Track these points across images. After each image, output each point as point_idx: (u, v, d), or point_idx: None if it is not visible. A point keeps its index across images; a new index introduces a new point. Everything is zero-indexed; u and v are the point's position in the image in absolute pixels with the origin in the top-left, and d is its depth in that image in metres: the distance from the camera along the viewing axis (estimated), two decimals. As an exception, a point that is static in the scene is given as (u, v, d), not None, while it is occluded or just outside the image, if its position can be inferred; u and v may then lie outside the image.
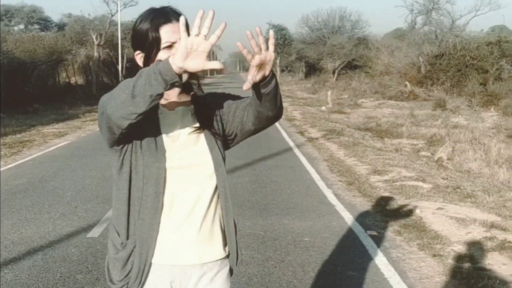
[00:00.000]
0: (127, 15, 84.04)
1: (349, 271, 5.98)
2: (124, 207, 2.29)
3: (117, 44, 41.51)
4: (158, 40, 2.21)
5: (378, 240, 7.04)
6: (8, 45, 31.44)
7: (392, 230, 7.47)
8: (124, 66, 41.56)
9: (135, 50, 2.33)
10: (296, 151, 14.62)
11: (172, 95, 2.34)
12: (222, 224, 2.40)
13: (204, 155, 2.32)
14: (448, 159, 13.83)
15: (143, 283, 2.28)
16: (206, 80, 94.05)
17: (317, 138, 17.16)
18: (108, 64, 44.19)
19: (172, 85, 1.95)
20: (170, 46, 2.20)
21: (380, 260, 6.32)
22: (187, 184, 2.29)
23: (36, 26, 69.48)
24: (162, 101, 2.31)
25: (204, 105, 2.41)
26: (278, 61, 75.73)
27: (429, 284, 5.68)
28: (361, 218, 8.08)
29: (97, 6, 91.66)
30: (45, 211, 8.23)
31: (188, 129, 2.33)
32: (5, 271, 5.79)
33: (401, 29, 67.21)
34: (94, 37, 41.54)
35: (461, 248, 6.75)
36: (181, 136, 2.32)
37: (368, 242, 6.94)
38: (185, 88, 2.38)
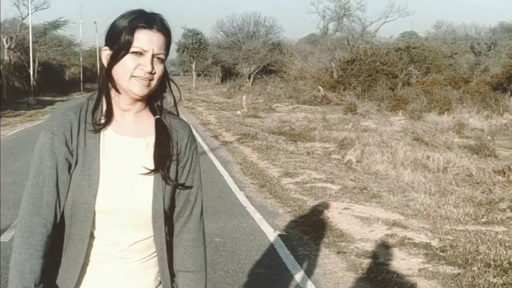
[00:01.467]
0: (38, 18, 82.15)
1: (258, 269, 6.22)
2: (39, 240, 1.92)
3: (29, 47, 40.68)
4: (129, 42, 1.95)
5: (286, 239, 7.33)
6: None
7: (300, 230, 7.79)
8: (36, 69, 40.76)
9: (105, 45, 2.04)
10: (210, 154, 14.83)
11: (128, 109, 2.04)
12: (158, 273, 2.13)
13: (145, 203, 2.01)
14: (357, 161, 14.33)
15: None
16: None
17: (231, 142, 17.41)
18: (19, 68, 43.23)
19: None
20: (140, 53, 1.95)
21: (287, 258, 6.61)
22: (119, 231, 2.01)
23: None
24: (113, 119, 2.03)
25: (167, 142, 2.08)
26: (193, 66, 75.66)
27: (332, 279, 5.99)
28: (271, 218, 8.36)
29: (7, 9, 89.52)
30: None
31: (137, 167, 2.00)
32: None
33: (315, 35, 68.60)
34: (4, 40, 40.60)
35: (364, 245, 7.11)
36: (125, 173, 2.00)
37: (277, 241, 7.23)
38: (150, 104, 2.11)
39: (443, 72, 36.50)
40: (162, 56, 2.00)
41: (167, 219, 2.07)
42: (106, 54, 2.02)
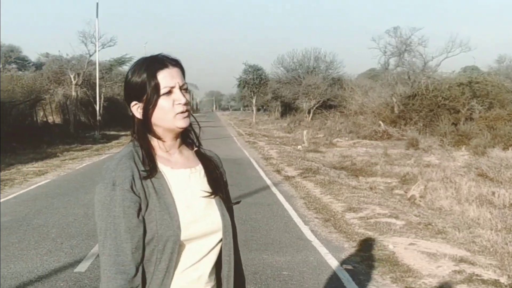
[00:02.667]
0: (105, 55, 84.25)
1: (326, 302, 6.33)
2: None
3: (95, 83, 41.81)
4: (157, 86, 2.10)
5: (354, 274, 7.41)
6: (-14, 84, 31.70)
7: (366, 264, 7.85)
8: (101, 105, 41.83)
9: (130, 102, 2.17)
10: (274, 189, 14.99)
11: (173, 146, 2.22)
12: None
13: (216, 223, 2.18)
14: (420, 197, 14.29)
15: None
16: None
17: (293, 177, 17.55)
18: (85, 103, 44.44)
19: None
20: (169, 92, 2.11)
21: (355, 292, 6.69)
22: (195, 254, 2.15)
23: (14, 65, 69.59)
24: (164, 157, 2.20)
25: (214, 168, 2.30)
26: (254, 100, 76.27)
27: (401, 314, 6.04)
28: (337, 253, 8.45)
29: (75, 46, 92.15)
30: (31, 247, 8.49)
31: (198, 192, 2.18)
32: (-1, 304, 6.06)
33: (375, 70, 68.53)
34: (72, 76, 41.93)
35: (431, 281, 7.13)
36: (193, 201, 2.16)
37: (344, 276, 7.31)
38: (183, 139, 2.29)
39: (507, 107, 35.88)
40: (186, 86, 2.18)
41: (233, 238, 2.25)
42: (137, 107, 2.16)
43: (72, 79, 41.89)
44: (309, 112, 58.13)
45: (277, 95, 69.63)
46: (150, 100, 2.12)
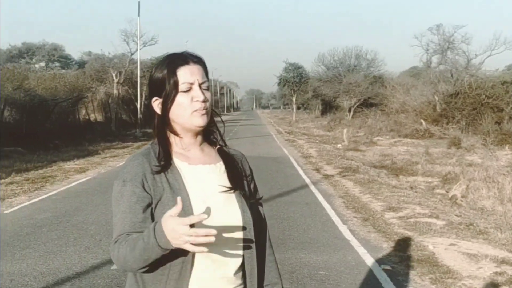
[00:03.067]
0: (146, 54, 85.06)
1: (363, 303, 6.23)
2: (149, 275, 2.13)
3: (136, 82, 42.18)
4: (176, 82, 2.14)
5: (392, 274, 7.29)
6: (30, 82, 32.15)
7: (405, 265, 7.72)
8: (142, 103, 42.19)
9: (151, 97, 2.23)
10: (312, 188, 14.90)
11: (193, 143, 2.26)
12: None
13: (235, 219, 2.19)
14: (462, 196, 14.05)
15: None
16: (223, 117, 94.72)
17: (332, 175, 17.43)
18: (127, 101, 44.95)
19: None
20: (189, 89, 2.14)
21: (393, 293, 6.58)
22: (213, 248, 2.07)
23: (57, 64, 70.72)
24: (182, 153, 2.23)
25: (235, 165, 2.33)
26: (294, 99, 76.18)
27: (440, 316, 5.91)
28: (376, 253, 8.33)
29: (117, 45, 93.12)
30: (70, 244, 8.57)
31: (217, 188, 2.20)
32: (36, 300, 6.11)
33: (417, 68, 67.82)
34: (113, 75, 42.42)
35: (471, 283, 6.98)
36: (210, 196, 2.17)
37: (382, 276, 7.20)
38: (206, 137, 2.33)
39: (552, 105, 35.18)
40: (206, 84, 2.20)
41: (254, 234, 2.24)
42: (157, 103, 2.22)
43: (114, 78, 42.40)
44: (349, 111, 57.85)
45: (318, 94, 69.50)
46: (169, 96, 2.16)
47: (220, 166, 2.28)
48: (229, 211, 2.19)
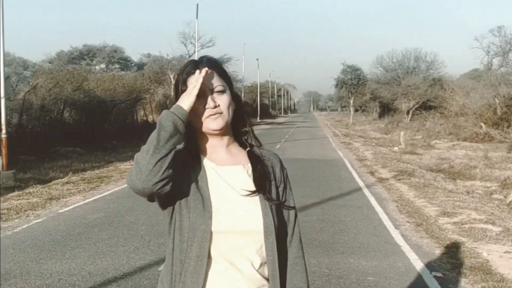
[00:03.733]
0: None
1: (411, 310, 6.07)
2: (169, 267, 2.23)
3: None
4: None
5: (443, 282, 7.09)
6: (89, 83, 32.74)
7: (457, 272, 7.51)
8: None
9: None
10: (366, 191, 14.70)
11: (219, 145, 2.30)
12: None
13: (256, 222, 2.21)
14: (521, 202, 13.64)
15: None
16: (279, 119, 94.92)
17: (387, 179, 17.18)
18: (184, 102, 45.28)
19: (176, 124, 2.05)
20: (200, 96, 2.16)
21: (443, 301, 6.39)
22: (233, 250, 2.19)
23: (117, 66, 71.88)
24: (210, 154, 2.29)
25: (262, 168, 2.33)
26: (351, 101, 75.78)
27: (491, 326, 5.72)
28: (427, 259, 8.12)
29: (175, 47, 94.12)
30: (120, 244, 8.64)
31: (242, 191, 2.23)
32: (82, 299, 6.15)
33: (477, 70, 66.50)
34: (171, 76, 42.87)
35: (526, 292, 6.74)
36: (232, 197, 2.22)
37: (432, 283, 7.01)
38: (238, 138, 2.39)
39: None
40: (219, 88, 2.24)
41: (277, 238, 2.25)
42: None
43: (172, 79, 42.79)
44: (407, 113, 57.18)
45: (376, 96, 68.96)
46: None
47: (248, 168, 2.32)
48: (251, 214, 2.22)
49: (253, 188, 2.25)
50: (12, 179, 15.94)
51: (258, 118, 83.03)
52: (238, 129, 2.37)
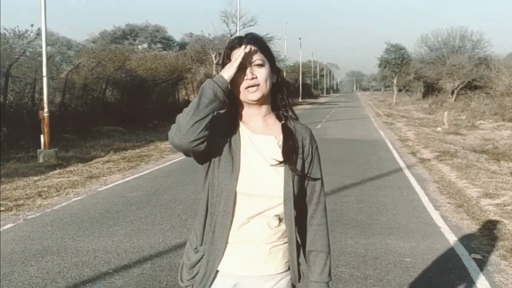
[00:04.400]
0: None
1: (448, 293, 5.94)
2: (202, 218, 2.51)
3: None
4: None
5: (482, 264, 6.93)
6: (131, 63, 32.87)
7: (497, 254, 7.33)
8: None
9: None
10: (406, 172, 14.50)
11: (256, 114, 2.52)
12: (287, 250, 2.53)
13: (277, 189, 2.42)
14: None
15: (208, 287, 2.47)
16: (321, 99, 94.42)
17: (429, 159, 16.92)
18: (225, 82, 45.30)
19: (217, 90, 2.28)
20: (241, 69, 2.40)
21: (481, 283, 6.24)
22: (255, 210, 2.42)
23: (159, 45, 72.06)
24: (248, 122, 2.52)
25: (292, 139, 2.51)
26: (395, 81, 74.91)
27: (531, 310, 5.56)
28: (467, 241, 7.95)
29: (217, 26, 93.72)
30: (156, 222, 8.66)
31: (270, 160, 2.44)
32: (116, 277, 6.17)
33: (525, 49, 64.93)
34: (213, 56, 42.84)
35: None
36: (260, 164, 2.44)
37: (471, 265, 6.85)
38: (275, 110, 2.58)
39: None
40: (258, 62, 2.43)
41: (296, 206, 2.48)
42: None
43: (214, 59, 42.88)
44: (452, 93, 56.26)
45: (420, 75, 68.05)
46: None
47: (279, 139, 2.51)
48: (273, 182, 2.43)
49: (280, 158, 2.45)
50: (54, 157, 16.16)
51: (300, 98, 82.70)
52: (276, 101, 2.57)
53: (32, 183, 12.24)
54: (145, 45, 71.33)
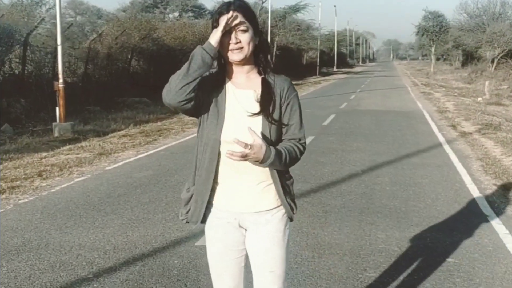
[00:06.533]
0: (278, 2, 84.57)
1: (502, 307, 4.78)
2: (193, 162, 2.95)
3: (267, 31, 41.17)
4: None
5: (541, 266, 5.74)
6: (159, 32, 31.79)
7: (559, 253, 6.12)
8: (274, 53, 41.16)
9: None
10: (446, 147, 13.24)
11: (240, 71, 2.84)
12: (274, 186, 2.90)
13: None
14: None
15: (201, 221, 2.97)
16: (357, 69, 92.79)
17: (470, 133, 15.62)
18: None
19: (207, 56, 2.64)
20: (227, 33, 2.72)
21: (543, 295, 5.06)
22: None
23: (190, 14, 70.83)
24: (233, 79, 2.85)
25: (269, 93, 2.82)
26: (433, 49, 73.14)
27: None
28: (520, 235, 6.75)
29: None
30: (159, 210, 7.59)
31: (250, 111, 2.78)
32: (94, 285, 5.10)
33: None
34: (243, 24, 41.58)
35: None
36: (241, 115, 2.79)
37: (528, 268, 5.66)
38: (257, 66, 2.88)
39: None
40: (242, 28, 2.73)
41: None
42: None
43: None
44: (492, 62, 54.28)
45: (458, 44, 66.05)
46: None
47: (258, 92, 2.81)
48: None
49: (256, 110, 2.78)
50: (70, 131, 15.31)
51: (335, 67, 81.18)
52: (259, 60, 2.86)
53: (37, 160, 11.30)
54: (176, 14, 70.12)
